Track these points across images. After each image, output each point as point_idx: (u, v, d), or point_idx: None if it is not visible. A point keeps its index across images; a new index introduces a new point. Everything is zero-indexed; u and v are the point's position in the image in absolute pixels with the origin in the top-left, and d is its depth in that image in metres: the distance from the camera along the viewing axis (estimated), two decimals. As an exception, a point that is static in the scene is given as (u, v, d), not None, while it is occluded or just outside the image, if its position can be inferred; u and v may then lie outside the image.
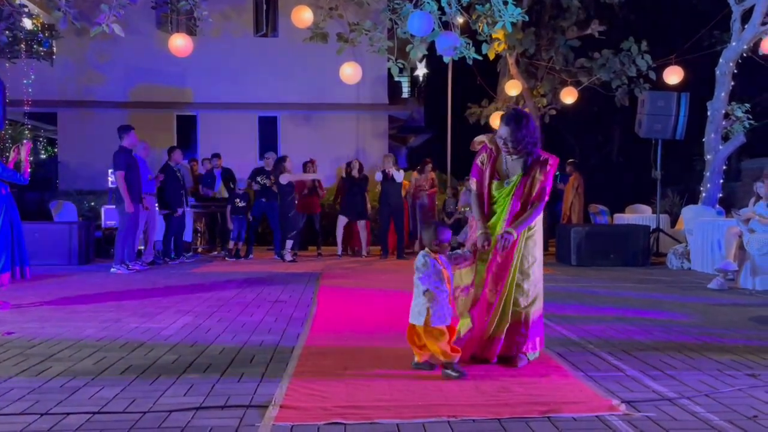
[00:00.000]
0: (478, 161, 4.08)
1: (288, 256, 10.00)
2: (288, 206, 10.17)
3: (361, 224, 10.96)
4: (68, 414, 2.96)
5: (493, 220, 3.95)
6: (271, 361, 3.91)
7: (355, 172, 10.97)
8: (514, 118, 3.84)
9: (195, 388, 3.36)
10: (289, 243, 10.10)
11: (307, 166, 11.27)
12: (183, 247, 10.32)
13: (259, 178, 10.63)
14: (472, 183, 4.07)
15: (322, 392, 3.26)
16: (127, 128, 8.87)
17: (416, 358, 3.75)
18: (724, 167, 11.44)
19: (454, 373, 3.56)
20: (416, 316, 3.61)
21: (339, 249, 10.98)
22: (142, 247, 9.73)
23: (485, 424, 2.86)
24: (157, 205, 9.78)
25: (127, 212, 8.56)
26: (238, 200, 10.57)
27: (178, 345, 4.36)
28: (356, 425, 2.82)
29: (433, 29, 7.81)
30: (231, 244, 10.59)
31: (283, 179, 10.04)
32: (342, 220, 10.97)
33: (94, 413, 2.97)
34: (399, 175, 10.67)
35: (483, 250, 3.86)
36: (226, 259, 10.40)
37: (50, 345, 4.34)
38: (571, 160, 12.94)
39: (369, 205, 11.14)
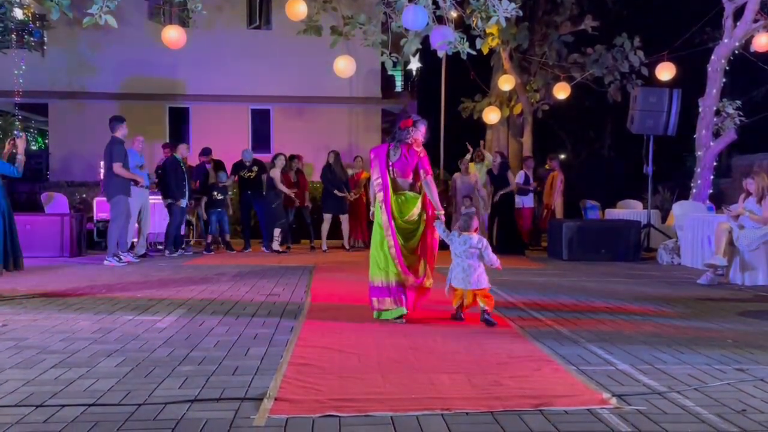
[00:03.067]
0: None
1: (276, 245, 10.05)
2: (272, 198, 10.37)
3: (343, 218, 10.97)
4: (63, 406, 2.96)
5: None
6: (266, 354, 3.93)
7: (333, 165, 10.94)
8: None
9: (190, 381, 3.38)
10: (276, 231, 10.17)
11: (294, 160, 11.35)
12: (181, 240, 10.32)
13: (241, 173, 10.67)
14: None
15: (316, 385, 3.29)
16: (120, 119, 8.86)
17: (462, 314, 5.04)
18: (715, 163, 11.53)
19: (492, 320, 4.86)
20: (484, 280, 4.90)
21: (324, 245, 10.95)
22: (136, 240, 9.71)
23: (478, 417, 2.89)
24: (159, 196, 9.83)
25: (122, 203, 8.56)
26: (216, 193, 10.54)
27: (172, 338, 4.37)
28: (350, 417, 2.84)
29: (428, 23, 7.80)
30: (209, 238, 10.55)
31: (273, 173, 10.16)
32: (327, 218, 10.96)
33: (88, 405, 2.98)
34: None
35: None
36: (204, 253, 10.33)
37: (44, 337, 4.34)
38: (552, 155, 12.97)
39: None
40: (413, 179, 5.18)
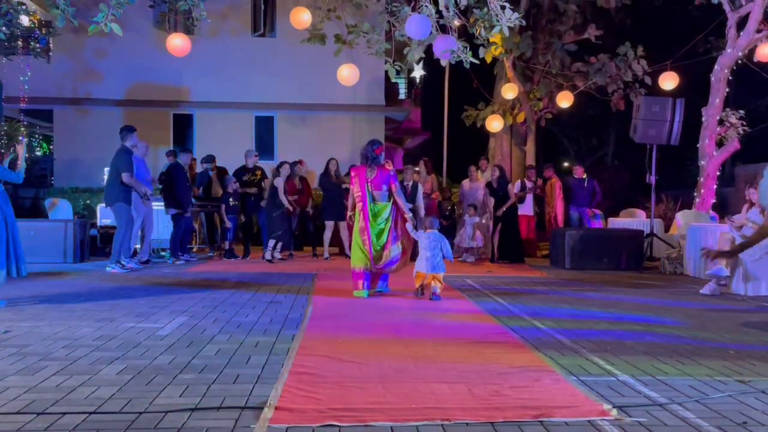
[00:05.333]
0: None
1: (268, 255, 10.01)
2: (274, 206, 10.12)
3: (342, 225, 10.93)
4: (64, 414, 2.97)
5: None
6: (267, 363, 3.94)
7: (332, 173, 10.91)
8: None
9: (191, 389, 3.38)
10: (271, 243, 10.10)
11: (297, 166, 11.24)
12: (184, 247, 10.34)
13: (245, 177, 10.65)
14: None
15: (317, 394, 3.29)
16: (130, 129, 8.90)
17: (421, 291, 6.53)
18: (718, 173, 11.52)
19: (439, 297, 6.37)
20: (441, 267, 6.42)
21: (326, 252, 10.92)
22: (138, 246, 9.73)
23: (478, 427, 2.89)
24: (162, 204, 9.83)
25: (124, 211, 8.58)
26: (231, 200, 10.57)
27: (173, 345, 4.38)
28: (350, 427, 2.85)
29: (431, 32, 7.83)
30: (227, 245, 10.59)
31: (277, 182, 10.07)
32: (329, 225, 10.93)
33: (90, 413, 2.99)
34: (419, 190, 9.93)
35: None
36: (223, 259, 10.42)
37: (46, 344, 4.35)
38: (548, 164, 12.90)
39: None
40: (384, 190, 6.61)
